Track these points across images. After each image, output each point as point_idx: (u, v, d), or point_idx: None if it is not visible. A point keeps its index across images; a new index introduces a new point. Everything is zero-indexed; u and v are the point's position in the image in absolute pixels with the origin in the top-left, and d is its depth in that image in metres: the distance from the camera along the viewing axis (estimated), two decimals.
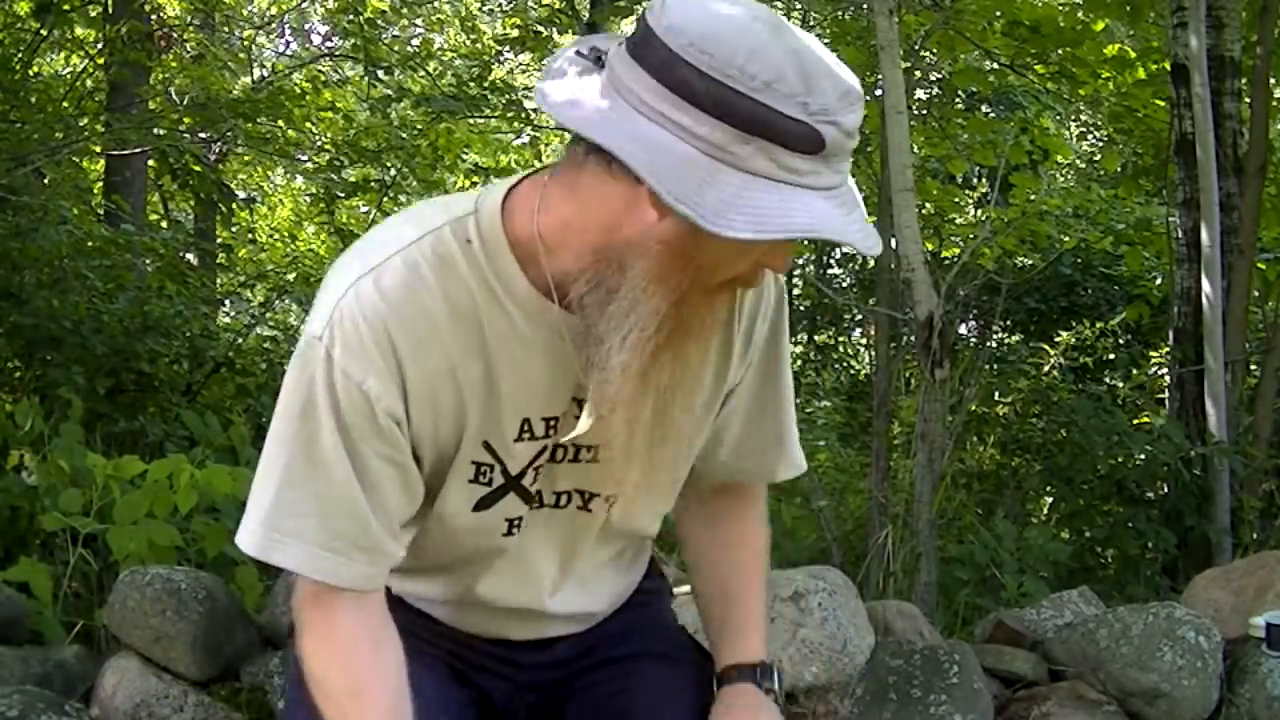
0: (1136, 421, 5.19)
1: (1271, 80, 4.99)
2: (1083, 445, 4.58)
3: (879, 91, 4.01)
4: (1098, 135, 9.19)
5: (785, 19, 1.10)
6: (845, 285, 9.09)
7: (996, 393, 5.71)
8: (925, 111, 7.26)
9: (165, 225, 7.96)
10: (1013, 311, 7.07)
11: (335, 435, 1.17)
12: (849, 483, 5.76)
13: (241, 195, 9.31)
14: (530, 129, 7.84)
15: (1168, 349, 5.20)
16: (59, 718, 2.26)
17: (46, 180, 5.47)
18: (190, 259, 6.98)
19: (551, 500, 1.31)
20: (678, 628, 1.54)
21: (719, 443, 1.39)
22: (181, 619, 2.45)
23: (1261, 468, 4.36)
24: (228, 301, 6.97)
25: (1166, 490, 4.51)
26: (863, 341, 8.71)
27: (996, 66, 6.28)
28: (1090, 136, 9.66)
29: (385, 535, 1.21)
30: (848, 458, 6.36)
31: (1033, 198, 5.97)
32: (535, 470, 1.27)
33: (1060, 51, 5.83)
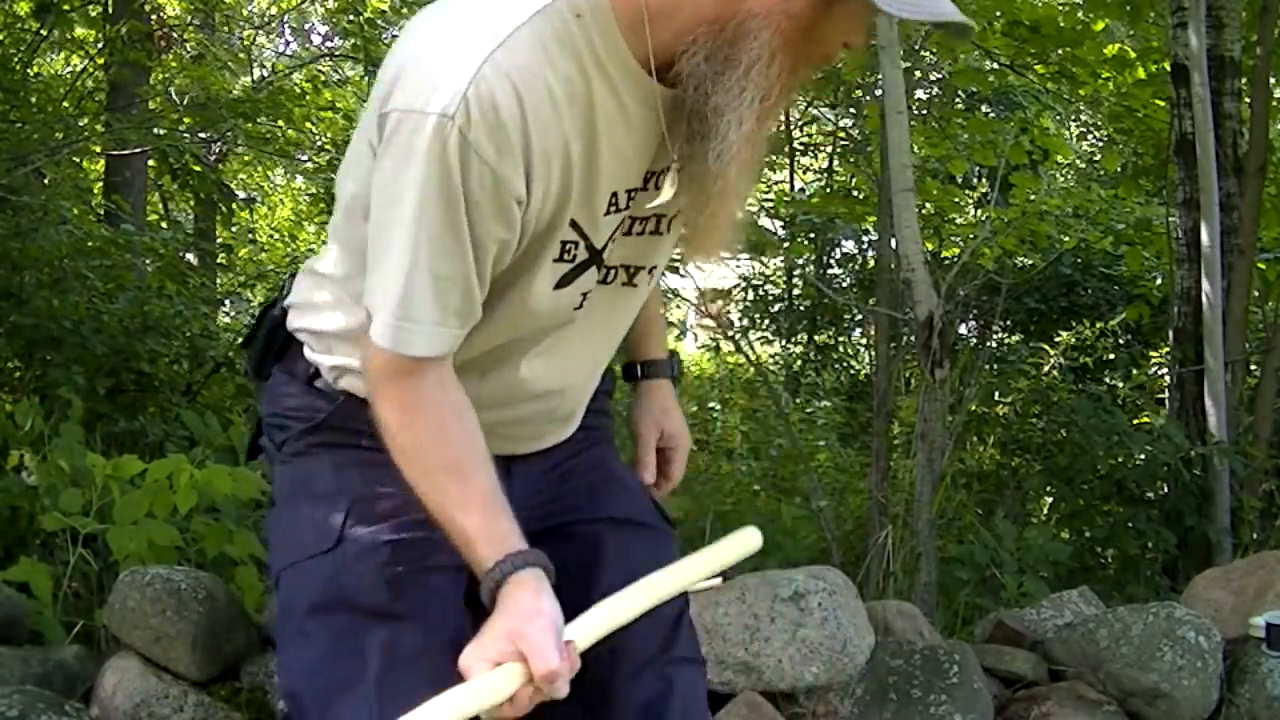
0: (1136, 421, 5.19)
1: (1271, 80, 4.99)
2: (1083, 445, 4.57)
3: (879, 91, 4.00)
4: (1098, 135, 9.19)
5: None
6: (845, 285, 9.06)
7: (996, 393, 5.71)
8: (925, 111, 7.26)
9: (165, 225, 7.97)
10: (1013, 311, 7.06)
11: (463, 214, 1.16)
12: (849, 483, 5.76)
13: (241, 195, 9.32)
14: None
15: (1168, 349, 5.19)
16: (59, 718, 2.25)
17: (46, 180, 5.47)
18: (190, 259, 6.99)
19: (611, 275, 1.34)
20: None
21: None
22: (181, 619, 2.45)
23: (1261, 468, 4.36)
24: (228, 301, 6.98)
25: (1166, 490, 4.50)
26: (863, 341, 8.69)
27: (996, 66, 6.27)
28: (1090, 136, 9.65)
29: (479, 305, 1.23)
30: (848, 458, 6.35)
31: (1033, 198, 5.95)
32: (612, 242, 1.30)
33: (1060, 51, 5.82)
